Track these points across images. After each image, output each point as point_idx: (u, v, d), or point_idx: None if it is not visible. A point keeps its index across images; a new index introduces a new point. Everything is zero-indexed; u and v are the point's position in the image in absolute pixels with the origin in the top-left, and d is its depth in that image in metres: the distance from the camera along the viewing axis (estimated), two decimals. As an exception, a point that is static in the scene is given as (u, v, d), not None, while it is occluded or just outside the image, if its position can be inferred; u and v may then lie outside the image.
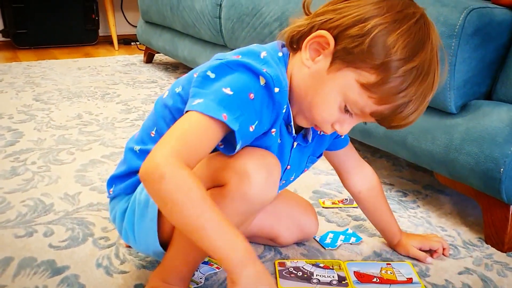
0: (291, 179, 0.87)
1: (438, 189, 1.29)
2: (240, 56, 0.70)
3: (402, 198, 1.23)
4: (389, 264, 0.94)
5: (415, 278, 0.90)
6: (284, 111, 0.71)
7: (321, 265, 0.93)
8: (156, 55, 2.94)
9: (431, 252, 0.98)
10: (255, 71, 0.67)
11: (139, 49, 3.36)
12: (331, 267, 0.92)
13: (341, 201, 1.20)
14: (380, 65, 0.64)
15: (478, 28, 0.97)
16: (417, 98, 0.67)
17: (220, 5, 1.89)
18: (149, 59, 2.89)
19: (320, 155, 0.90)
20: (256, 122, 0.67)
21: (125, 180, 0.83)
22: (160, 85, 2.35)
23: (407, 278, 0.90)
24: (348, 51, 0.65)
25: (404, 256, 0.98)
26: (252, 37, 1.67)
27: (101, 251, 0.95)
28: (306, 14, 0.73)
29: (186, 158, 0.62)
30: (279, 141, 0.76)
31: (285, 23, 1.48)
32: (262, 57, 0.71)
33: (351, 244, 1.01)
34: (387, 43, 0.63)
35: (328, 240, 1.02)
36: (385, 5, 0.65)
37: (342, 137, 0.91)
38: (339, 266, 0.93)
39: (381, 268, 0.93)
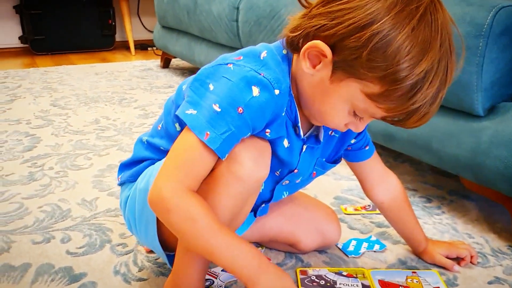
0: (297, 182, 0.85)
1: (464, 195, 1.25)
2: (241, 57, 0.69)
3: (427, 204, 1.20)
4: (415, 272, 0.91)
5: (442, 287, 0.86)
6: (283, 113, 0.70)
7: (344, 273, 0.90)
8: (173, 60, 2.94)
9: (458, 260, 0.94)
10: (249, 82, 0.65)
11: (155, 54, 3.37)
12: (354, 276, 0.89)
13: (364, 207, 1.17)
14: (383, 77, 0.61)
15: (507, 27, 0.93)
16: (429, 101, 0.63)
17: (238, 8, 1.88)
18: (166, 64, 2.89)
19: (336, 162, 0.87)
20: (248, 133, 0.67)
21: (131, 168, 0.83)
22: (177, 89, 2.35)
23: (434, 287, 0.86)
24: (348, 63, 0.62)
25: (430, 264, 0.94)
26: (270, 40, 1.64)
27: (119, 258, 0.93)
28: (303, 6, 0.68)
29: (188, 184, 0.65)
30: (286, 145, 0.74)
31: (303, 25, 1.46)
32: (262, 57, 0.69)
33: (374, 251, 0.98)
34: (388, 53, 0.59)
35: (351, 248, 0.99)
36: (383, 5, 0.59)
37: (367, 148, 0.89)
38: (363, 275, 0.90)
39: (407, 276, 0.89)
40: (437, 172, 1.39)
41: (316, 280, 0.88)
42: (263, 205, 0.86)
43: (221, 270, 0.89)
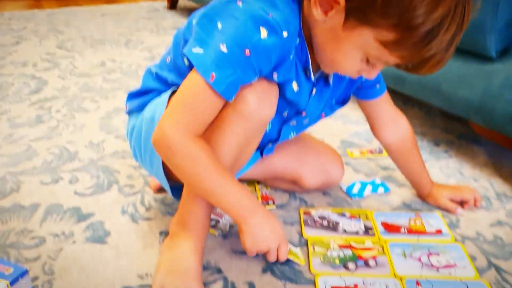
0: (304, 123, 0.85)
1: (472, 139, 1.24)
2: None
3: (434, 148, 1.19)
4: (418, 214, 0.91)
5: (445, 230, 0.87)
6: (292, 56, 0.69)
7: (347, 214, 0.91)
8: (180, 0, 2.87)
9: (462, 203, 0.94)
10: (257, 22, 0.63)
11: (162, -5, 3.29)
12: (357, 217, 0.90)
13: (370, 151, 1.16)
14: (398, 23, 0.59)
15: (526, -37, 0.88)
16: (444, 48, 0.61)
17: None
18: (173, 4, 2.82)
19: (345, 102, 0.87)
20: (255, 77, 0.67)
21: (139, 98, 0.83)
22: (184, 32, 2.30)
23: (436, 230, 0.87)
24: (361, 10, 0.60)
25: (434, 207, 0.95)
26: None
27: (126, 198, 0.95)
28: None
29: (193, 128, 0.66)
30: (296, 88, 0.74)
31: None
32: None
33: (379, 194, 0.99)
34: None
35: (355, 190, 0.99)
36: None
37: (378, 87, 0.87)
38: (366, 216, 0.90)
39: (410, 218, 0.90)
40: (446, 116, 1.37)
41: (319, 220, 0.89)
42: (269, 144, 0.87)
43: (226, 211, 0.91)
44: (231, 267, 0.76)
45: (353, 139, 1.23)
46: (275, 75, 0.69)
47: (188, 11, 2.76)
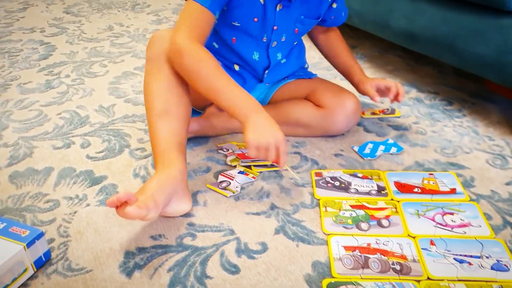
0: (283, 40, 0.95)
1: (486, 97, 1.21)
2: None
3: (447, 107, 1.17)
4: (432, 174, 0.91)
5: (459, 188, 0.86)
6: None
7: (360, 175, 0.90)
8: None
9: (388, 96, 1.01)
10: None
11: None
12: (370, 177, 0.89)
13: (382, 111, 1.15)
14: None
15: None
16: None
17: None
18: (179, -34, 2.75)
19: (317, 18, 0.97)
20: None
21: None
22: (191, -6, 2.26)
23: (450, 189, 0.86)
24: None
25: (440, 168, 0.94)
26: None
27: (138, 162, 0.95)
28: None
29: (195, 35, 0.81)
30: (262, 1, 0.87)
31: None
32: None
33: (391, 154, 0.98)
34: None
35: (367, 150, 0.98)
36: None
37: (343, 15, 1.02)
38: (379, 176, 0.90)
39: (423, 178, 0.89)
40: (459, 74, 1.34)
41: (330, 181, 0.88)
42: (266, 71, 0.99)
43: (238, 172, 0.91)
44: (244, 228, 0.77)
45: (364, 99, 1.21)
46: None
47: (195, -27, 2.70)
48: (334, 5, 0.99)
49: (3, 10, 2.02)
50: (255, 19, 0.90)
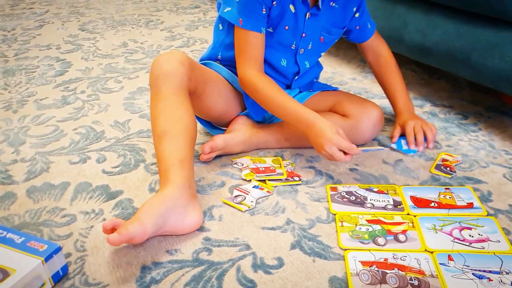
0: (309, 48, 1.01)
1: (502, 111, 1.20)
2: None
3: (462, 121, 1.16)
4: (448, 188, 0.90)
5: (476, 203, 0.85)
6: None
7: (375, 189, 0.90)
8: (199, -21, 2.84)
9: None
10: None
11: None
12: (386, 192, 0.89)
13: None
14: None
15: None
16: None
17: None
18: (191, -16, 2.79)
19: (342, 28, 1.03)
20: (263, 6, 0.91)
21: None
22: (204, 10, 2.28)
23: (467, 203, 0.85)
24: None
25: (461, 184, 0.93)
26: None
27: (153, 176, 0.96)
28: None
29: (259, 62, 0.95)
30: (293, 10, 0.94)
31: None
32: None
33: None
34: None
35: (405, 147, 1.03)
36: None
37: (369, 27, 1.07)
38: (395, 191, 0.89)
39: (440, 192, 0.89)
40: (474, 88, 1.34)
41: (346, 196, 0.88)
42: (296, 77, 1.05)
43: (253, 187, 0.91)
44: (260, 243, 0.77)
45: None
46: (274, 3, 0.92)
47: (207, -10, 2.74)
48: (357, 15, 1.03)
49: (20, 28, 2.07)
50: (286, 27, 0.96)
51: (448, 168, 0.97)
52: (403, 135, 1.07)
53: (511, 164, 0.97)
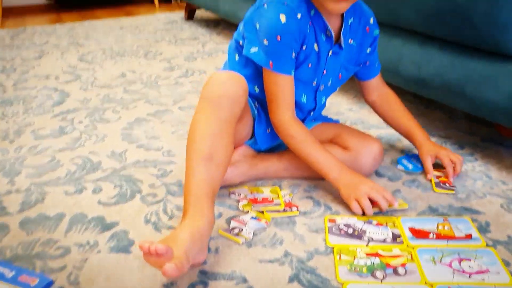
0: (329, 84, 1.03)
1: (498, 142, 1.21)
2: None
3: (459, 151, 1.17)
4: (446, 219, 0.89)
5: (475, 234, 0.85)
6: (308, 30, 0.91)
7: (374, 222, 0.89)
8: (197, 11, 2.89)
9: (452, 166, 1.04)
10: (277, 12, 0.88)
11: (179, 6, 3.32)
12: (384, 225, 0.88)
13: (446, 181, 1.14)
14: None
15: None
16: None
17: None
18: (190, 15, 2.84)
19: (357, 65, 1.05)
20: (293, 50, 0.91)
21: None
22: (202, 41, 2.31)
23: (466, 234, 0.85)
24: None
25: (459, 214, 0.92)
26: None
27: (149, 207, 0.95)
28: None
29: (291, 112, 0.95)
30: (316, 49, 0.95)
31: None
32: None
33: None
34: None
35: (410, 166, 1.09)
36: None
37: (376, 65, 1.09)
38: (393, 223, 0.89)
39: (438, 223, 0.88)
40: (470, 118, 1.35)
41: (344, 228, 0.87)
42: (311, 113, 1.07)
43: (250, 218, 0.90)
44: (257, 276, 0.75)
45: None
46: (304, 47, 0.93)
47: (205, 22, 2.78)
48: (368, 50, 1.05)
49: (19, 58, 2.09)
50: (309, 65, 0.96)
51: (446, 184, 1.01)
52: (403, 156, 1.13)
53: (508, 195, 0.97)
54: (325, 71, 0.99)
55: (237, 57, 1.02)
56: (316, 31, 0.93)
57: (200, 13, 2.98)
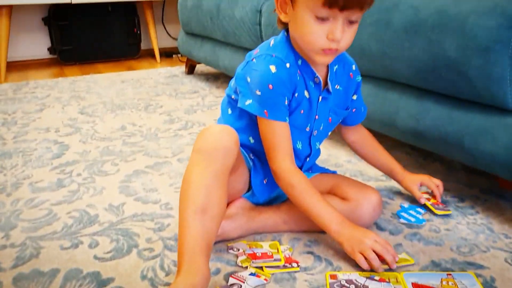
0: (321, 129, 1.05)
1: (498, 194, 1.20)
2: (258, 50, 0.96)
3: (460, 204, 1.16)
4: (450, 274, 0.87)
5: (480, 290, 0.83)
6: (298, 78, 0.94)
7: (376, 278, 0.87)
8: (198, 65, 2.96)
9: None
10: (267, 63, 0.92)
11: (180, 60, 3.40)
12: (387, 280, 0.86)
13: (436, 203, 1.13)
14: None
15: (541, 18, 0.89)
16: None
17: (260, 11, 1.87)
18: (190, 70, 2.90)
19: (346, 108, 1.08)
20: (286, 98, 0.94)
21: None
22: (202, 95, 2.35)
23: (470, 290, 0.83)
24: None
25: (458, 267, 0.90)
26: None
27: (146, 263, 0.93)
28: None
29: (290, 159, 0.95)
30: (307, 96, 0.98)
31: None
32: (271, 45, 0.96)
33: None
34: None
35: (412, 219, 1.08)
36: None
37: (363, 110, 1.13)
38: (396, 279, 0.86)
39: (442, 279, 0.86)
40: (468, 170, 1.35)
41: (346, 284, 0.85)
42: (307, 159, 1.07)
43: (249, 274, 0.88)
44: (256, 335, 0.73)
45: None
46: (296, 95, 0.95)
47: (205, 76, 2.83)
48: (354, 97, 1.09)
49: (20, 111, 2.11)
50: (302, 111, 0.99)
51: (440, 205, 1.11)
52: (400, 210, 1.12)
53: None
54: (317, 116, 1.01)
55: (230, 111, 1.04)
56: (305, 78, 0.96)
57: (200, 67, 3.05)
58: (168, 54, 3.60)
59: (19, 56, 3.37)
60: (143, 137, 1.71)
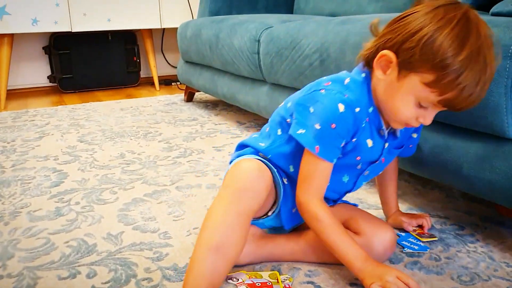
0: (373, 169, 1.03)
1: (498, 221, 1.20)
2: (330, 83, 0.91)
3: (459, 232, 1.15)
4: (452, 304, 0.86)
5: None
6: (363, 125, 0.91)
7: (377, 306, 0.86)
8: (196, 93, 2.98)
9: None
10: (336, 101, 0.87)
11: (179, 88, 3.43)
12: (387, 309, 0.85)
13: (423, 233, 1.13)
14: (433, 66, 0.79)
15: (534, 48, 0.91)
16: (472, 83, 0.79)
17: (259, 40, 1.90)
18: (189, 98, 2.92)
19: (400, 147, 1.06)
20: (343, 141, 0.90)
21: (239, 150, 1.07)
22: (201, 122, 2.36)
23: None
24: (407, 61, 0.82)
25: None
26: (292, 70, 1.66)
27: (144, 293, 0.92)
28: (374, 35, 0.90)
29: (320, 195, 0.93)
30: (370, 144, 0.94)
31: (325, 54, 1.46)
32: (345, 83, 0.91)
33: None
34: (434, 48, 0.78)
35: (416, 247, 1.08)
36: (428, 17, 0.80)
37: (411, 147, 1.10)
38: (397, 308, 0.85)
39: (443, 309, 0.85)
40: (468, 198, 1.35)
41: (347, 314, 0.84)
42: (346, 194, 1.06)
43: (248, 304, 0.87)
44: None
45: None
46: (354, 140, 0.92)
47: (204, 103, 2.85)
48: (415, 135, 1.08)
49: (20, 139, 2.11)
50: (358, 158, 0.96)
51: (426, 234, 1.14)
52: (402, 237, 1.12)
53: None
54: (377, 161, 0.99)
55: (279, 132, 0.99)
56: (372, 127, 0.93)
57: (199, 95, 3.07)
58: (167, 82, 3.64)
59: (19, 84, 3.40)
60: (142, 164, 1.71)
